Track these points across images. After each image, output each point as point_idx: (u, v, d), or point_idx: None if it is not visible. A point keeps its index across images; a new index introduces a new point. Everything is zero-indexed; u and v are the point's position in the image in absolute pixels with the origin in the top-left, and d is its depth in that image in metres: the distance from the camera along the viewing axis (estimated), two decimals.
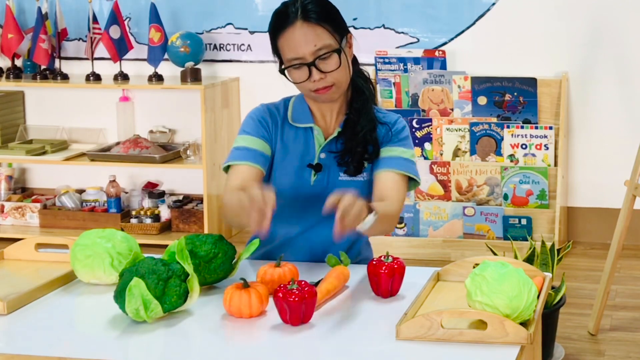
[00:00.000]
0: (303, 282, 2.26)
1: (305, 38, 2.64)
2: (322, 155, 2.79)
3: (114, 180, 5.52)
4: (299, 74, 2.67)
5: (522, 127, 5.11)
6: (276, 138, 2.79)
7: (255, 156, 2.74)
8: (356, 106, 2.79)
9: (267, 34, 2.75)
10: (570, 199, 5.29)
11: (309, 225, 2.79)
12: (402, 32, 5.34)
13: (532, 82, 5.11)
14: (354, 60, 2.79)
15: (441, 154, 5.20)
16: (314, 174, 2.77)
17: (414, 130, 5.19)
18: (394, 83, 5.25)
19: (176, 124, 5.67)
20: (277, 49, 2.71)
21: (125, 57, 5.49)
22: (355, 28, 5.35)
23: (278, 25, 2.68)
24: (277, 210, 2.66)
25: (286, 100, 2.84)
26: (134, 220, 5.44)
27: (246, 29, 5.51)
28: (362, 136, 2.76)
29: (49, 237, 2.98)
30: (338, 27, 2.69)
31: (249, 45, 5.51)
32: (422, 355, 2.09)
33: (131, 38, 5.53)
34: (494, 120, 5.15)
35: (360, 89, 2.80)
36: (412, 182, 2.81)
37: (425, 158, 5.21)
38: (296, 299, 2.22)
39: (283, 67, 2.69)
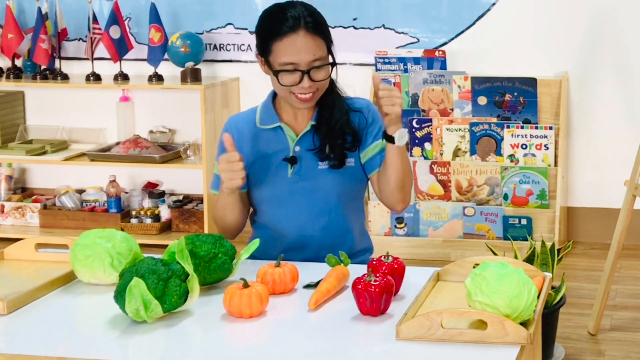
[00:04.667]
0: (379, 275, 2.31)
1: (307, 47, 2.74)
2: (297, 149, 2.86)
3: (114, 180, 5.52)
4: (289, 78, 2.76)
5: (522, 127, 5.11)
6: (247, 147, 2.86)
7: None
8: (329, 99, 2.86)
9: (258, 30, 2.84)
10: (570, 199, 5.29)
11: (296, 219, 2.85)
12: (402, 32, 5.34)
13: (532, 82, 5.11)
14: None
15: (441, 154, 5.20)
16: (290, 167, 2.84)
17: (414, 130, 5.19)
18: (394, 83, 5.25)
19: (176, 124, 5.67)
20: (268, 49, 2.78)
21: (125, 57, 5.49)
22: (355, 28, 5.36)
23: (277, 28, 2.75)
24: (261, 214, 2.90)
25: (255, 108, 2.95)
26: (134, 220, 5.44)
27: (246, 29, 5.51)
28: (339, 129, 2.84)
29: (49, 237, 2.99)
30: (329, 39, 2.80)
31: (249, 45, 5.51)
32: (422, 355, 2.09)
33: (131, 38, 5.53)
34: (494, 120, 5.15)
35: (330, 87, 2.87)
36: None
37: (426, 158, 5.21)
38: (377, 289, 2.26)
39: (275, 69, 2.77)
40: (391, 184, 2.79)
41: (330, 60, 2.79)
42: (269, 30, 2.78)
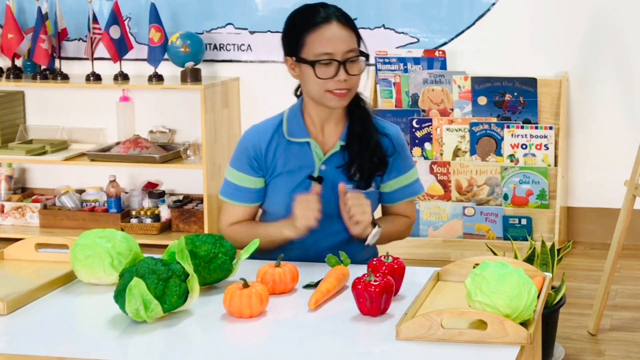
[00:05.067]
0: (379, 275, 2.31)
1: (341, 37, 2.74)
2: (323, 167, 2.80)
3: (114, 180, 5.52)
4: (326, 70, 2.72)
5: (522, 127, 5.11)
6: (271, 158, 2.81)
7: (247, 195, 2.84)
8: (359, 115, 2.82)
9: (288, 29, 2.80)
10: (570, 199, 5.29)
11: (310, 238, 2.78)
12: (402, 32, 5.34)
13: (532, 82, 5.11)
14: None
15: (441, 154, 5.20)
16: (314, 186, 2.76)
17: (413, 130, 5.19)
18: (394, 83, 5.25)
19: (176, 124, 5.67)
20: (301, 43, 2.75)
21: (125, 57, 5.49)
22: None
23: (311, 20, 2.74)
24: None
25: (280, 115, 2.88)
26: (134, 220, 5.44)
27: (246, 29, 5.50)
28: (371, 148, 2.79)
29: (49, 237, 2.98)
30: (359, 35, 2.82)
31: (249, 45, 5.51)
32: (422, 355, 2.09)
33: (131, 38, 5.53)
34: (494, 120, 5.15)
35: (359, 102, 2.85)
36: None
37: (425, 158, 5.21)
38: (377, 289, 2.27)
39: (310, 60, 2.73)
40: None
41: (362, 54, 2.78)
42: (301, 25, 2.76)
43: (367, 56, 2.79)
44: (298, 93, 2.92)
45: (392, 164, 2.85)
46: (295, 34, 2.77)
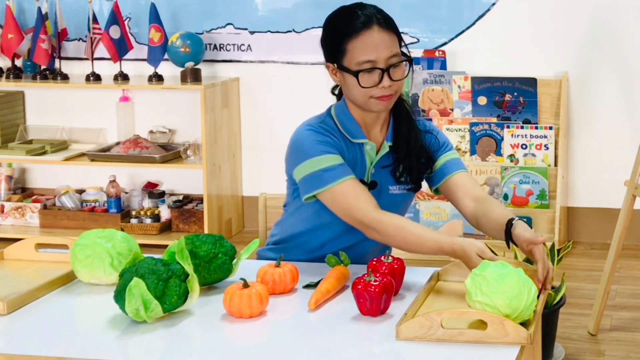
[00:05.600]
0: (379, 275, 2.30)
1: (383, 42, 2.64)
2: (373, 171, 2.75)
3: (114, 180, 5.52)
4: (369, 79, 2.64)
5: (522, 127, 5.11)
6: (343, 154, 2.71)
7: (349, 169, 2.67)
8: (403, 115, 2.77)
9: (328, 34, 2.70)
10: (570, 199, 5.28)
11: (355, 237, 2.73)
12: (402, 32, 5.31)
13: (532, 82, 5.11)
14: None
15: None
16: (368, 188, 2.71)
17: None
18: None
19: (176, 124, 5.67)
20: (343, 50, 2.66)
21: (125, 57, 5.49)
22: None
23: (350, 27, 2.64)
24: (308, 219, 2.75)
25: (327, 115, 2.76)
26: (134, 221, 5.44)
27: (246, 29, 5.50)
28: (418, 147, 2.74)
29: (49, 237, 2.99)
30: (400, 36, 2.72)
31: (249, 45, 5.51)
32: (422, 355, 2.09)
33: (131, 38, 5.53)
34: (494, 120, 5.16)
35: (401, 102, 2.79)
36: None
37: None
38: (377, 289, 2.26)
39: (353, 69, 2.64)
40: (479, 225, 2.71)
41: (405, 57, 2.69)
42: (341, 31, 2.66)
43: (410, 60, 2.70)
44: (336, 92, 2.83)
45: (439, 153, 2.79)
46: (336, 40, 2.68)
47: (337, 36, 2.67)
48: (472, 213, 2.73)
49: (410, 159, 2.75)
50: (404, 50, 2.72)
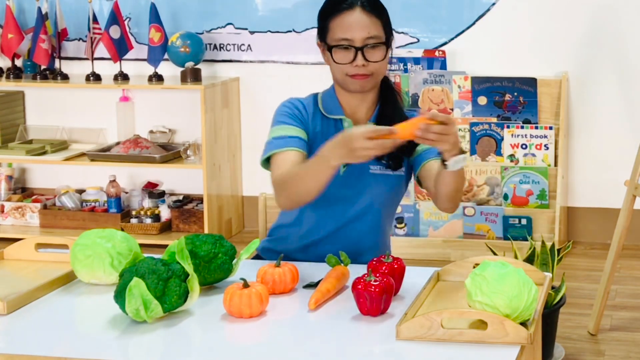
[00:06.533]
0: (379, 275, 2.31)
1: (360, 23, 2.75)
2: None
3: (114, 180, 5.52)
4: (344, 55, 2.76)
5: (522, 127, 5.11)
6: (312, 128, 2.83)
7: (297, 142, 2.78)
8: (391, 99, 2.86)
9: (319, 15, 2.83)
10: (570, 199, 5.28)
11: (341, 218, 2.82)
12: (402, 32, 5.34)
13: (532, 82, 5.11)
14: (390, 61, 2.88)
15: None
16: (343, 166, 2.77)
17: None
18: (394, 83, 5.25)
19: (176, 124, 5.67)
20: (326, 29, 2.79)
21: (125, 57, 5.49)
22: None
23: (336, 7, 2.78)
24: (313, 212, 2.81)
25: (315, 95, 2.90)
26: (134, 220, 5.44)
27: (246, 29, 5.50)
28: None
29: (49, 237, 2.98)
30: (387, 26, 2.81)
31: (249, 45, 5.51)
32: (422, 355, 2.09)
33: (131, 38, 5.53)
34: (494, 120, 5.16)
35: (390, 86, 2.89)
36: None
37: None
38: (377, 289, 2.27)
39: (331, 44, 2.76)
40: (442, 196, 2.72)
41: (383, 44, 2.76)
42: (328, 11, 2.80)
43: (387, 44, 2.78)
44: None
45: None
46: (323, 19, 2.82)
47: (323, 15, 2.82)
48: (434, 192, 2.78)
49: None
50: (392, 40, 2.81)
